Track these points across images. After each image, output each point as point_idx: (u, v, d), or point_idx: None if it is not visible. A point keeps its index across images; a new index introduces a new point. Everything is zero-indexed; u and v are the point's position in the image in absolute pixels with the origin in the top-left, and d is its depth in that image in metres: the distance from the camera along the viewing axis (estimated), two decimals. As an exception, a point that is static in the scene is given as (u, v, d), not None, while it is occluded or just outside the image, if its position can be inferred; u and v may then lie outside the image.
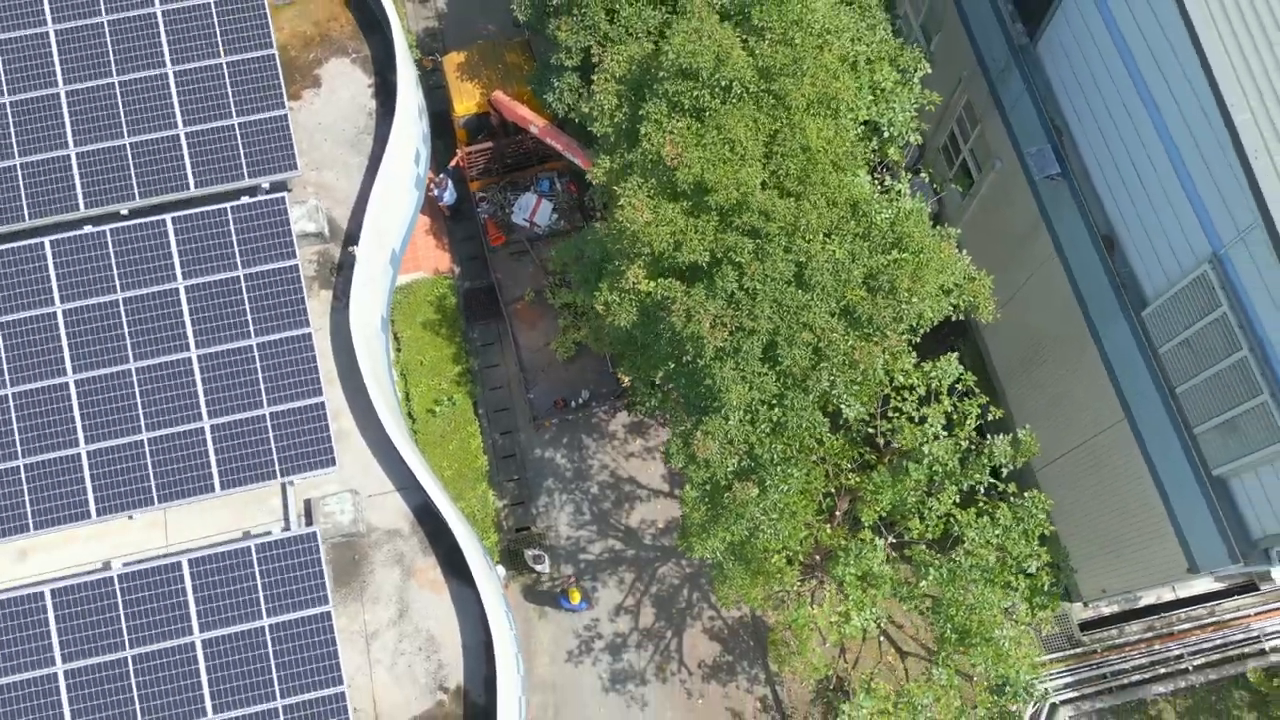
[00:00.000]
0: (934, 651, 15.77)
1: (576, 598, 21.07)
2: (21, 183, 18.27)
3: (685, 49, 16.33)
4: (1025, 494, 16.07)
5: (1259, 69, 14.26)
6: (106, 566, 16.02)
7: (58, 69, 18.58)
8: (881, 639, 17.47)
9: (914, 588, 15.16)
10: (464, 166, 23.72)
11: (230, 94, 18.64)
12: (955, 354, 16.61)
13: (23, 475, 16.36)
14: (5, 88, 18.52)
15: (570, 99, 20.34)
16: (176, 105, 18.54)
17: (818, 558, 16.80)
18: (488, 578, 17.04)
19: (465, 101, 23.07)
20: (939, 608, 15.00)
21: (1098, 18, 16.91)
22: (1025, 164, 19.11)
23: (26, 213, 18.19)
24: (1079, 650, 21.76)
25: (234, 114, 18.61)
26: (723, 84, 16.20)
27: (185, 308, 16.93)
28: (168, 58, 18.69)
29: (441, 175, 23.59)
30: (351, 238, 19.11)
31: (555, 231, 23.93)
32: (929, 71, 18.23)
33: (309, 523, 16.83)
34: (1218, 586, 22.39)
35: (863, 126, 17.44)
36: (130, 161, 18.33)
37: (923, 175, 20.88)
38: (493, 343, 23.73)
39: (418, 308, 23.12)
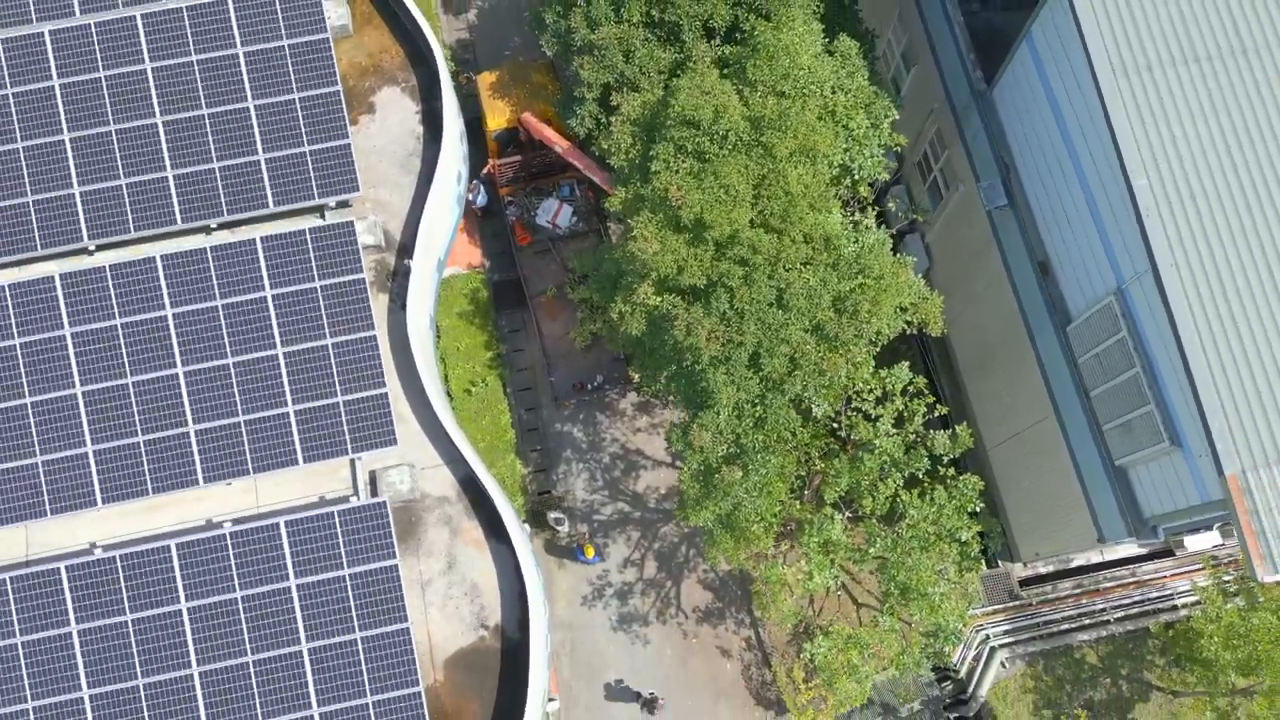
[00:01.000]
0: (882, 603, 19.70)
1: (590, 552, 25.05)
2: (127, 200, 21.81)
3: (689, 103, 19.75)
4: (960, 477, 19.85)
5: (1156, 142, 17.66)
6: (218, 525, 19.92)
7: (155, 102, 22.01)
8: (840, 593, 21.42)
9: (865, 553, 19.03)
10: (495, 174, 27.17)
11: (302, 125, 22.07)
12: (906, 363, 20.25)
13: (142, 450, 20.18)
14: (111, 117, 21.97)
15: (590, 124, 23.70)
16: (257, 135, 22.00)
17: (790, 526, 20.63)
18: (520, 537, 20.93)
19: (497, 118, 26.45)
20: (885, 569, 18.88)
21: (1038, 80, 20.24)
22: (980, 193, 22.57)
23: (131, 226, 21.77)
24: (1017, 603, 25.73)
25: (305, 143, 22.07)
26: (720, 133, 19.63)
27: (272, 313, 20.59)
28: (249, 93, 22.10)
29: (475, 181, 27.06)
30: (405, 249, 22.66)
31: (574, 232, 27.44)
32: (897, 117, 21.59)
33: (374, 492, 20.70)
34: (1139, 551, 26.29)
35: (837, 169, 20.85)
36: (219, 183, 21.85)
37: (890, 205, 24.27)
38: (519, 330, 27.40)
39: (454, 300, 26.75)
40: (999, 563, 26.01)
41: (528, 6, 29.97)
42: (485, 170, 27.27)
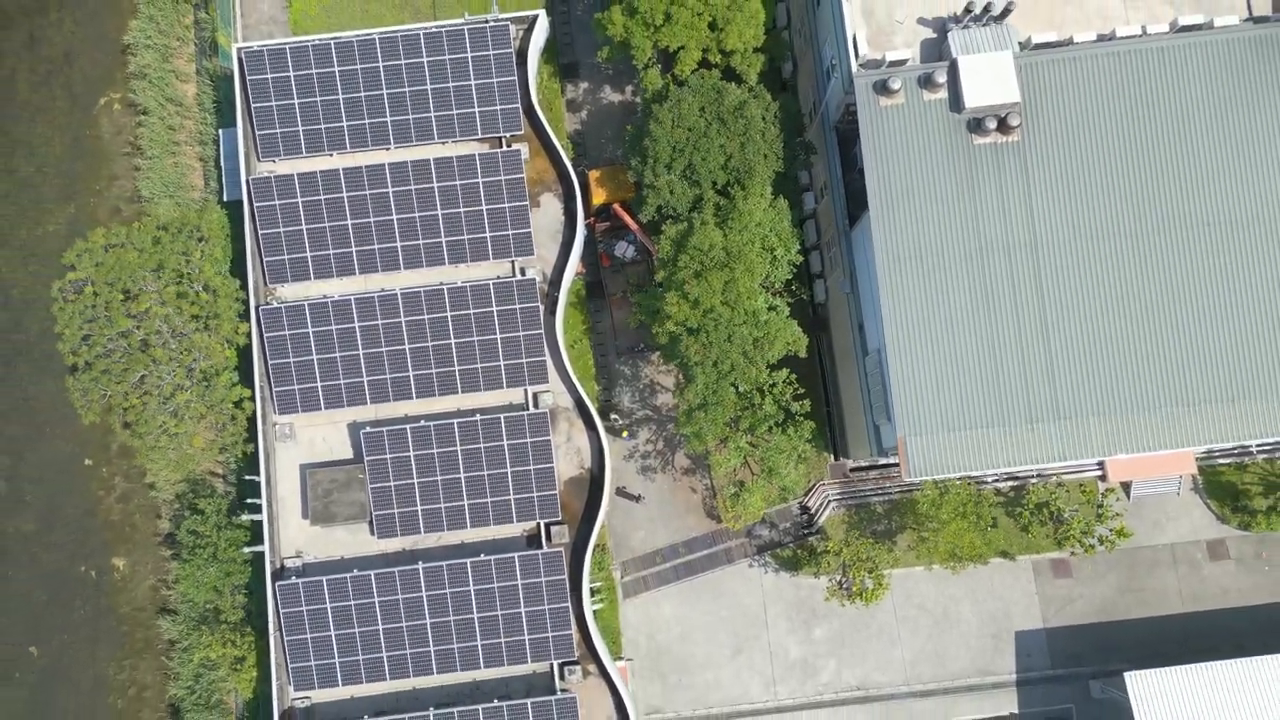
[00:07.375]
0: (760, 473, 47.08)
1: (624, 434, 52.15)
2: (421, 248, 47.80)
3: (699, 240, 45.36)
4: (803, 422, 46.59)
5: (897, 292, 43.09)
6: (471, 414, 46.83)
7: (437, 201, 47.61)
8: (745, 467, 48.77)
9: (755, 452, 46.21)
10: (593, 226, 52.86)
11: (509, 220, 47.78)
12: (786, 369, 46.69)
13: (434, 376, 46.85)
14: (417, 208, 47.62)
15: (649, 217, 49.18)
16: (486, 223, 47.73)
17: (725, 439, 47.70)
18: (600, 428, 47.92)
19: (597, 199, 52.05)
20: (763, 461, 46.12)
21: (862, 241, 45.65)
22: (840, 280, 48.36)
23: (424, 261, 47.83)
24: (847, 480, 53.04)
25: (509, 228, 47.84)
26: (711, 257, 45.33)
27: (495, 318, 46.86)
28: (483, 200, 47.68)
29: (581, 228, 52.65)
30: (554, 283, 48.71)
31: (634, 261, 53.40)
32: (800, 246, 47.05)
33: (536, 404, 47.54)
34: (916, 458, 53.27)
35: (764, 277, 46.52)
36: (467, 247, 47.78)
37: (794, 288, 50.21)
38: (599, 311, 53.68)
39: (568, 295, 52.82)
40: (840, 458, 53.21)
41: (619, 111, 54.78)
42: (587, 223, 52.87)
